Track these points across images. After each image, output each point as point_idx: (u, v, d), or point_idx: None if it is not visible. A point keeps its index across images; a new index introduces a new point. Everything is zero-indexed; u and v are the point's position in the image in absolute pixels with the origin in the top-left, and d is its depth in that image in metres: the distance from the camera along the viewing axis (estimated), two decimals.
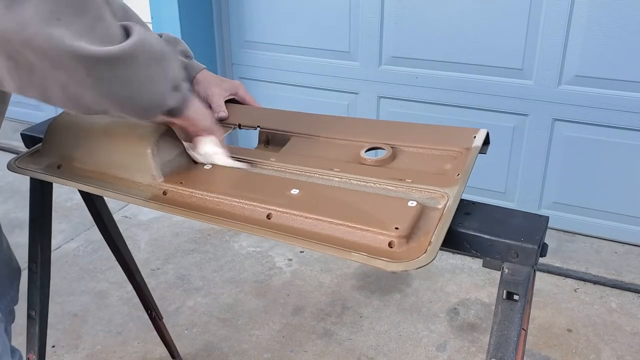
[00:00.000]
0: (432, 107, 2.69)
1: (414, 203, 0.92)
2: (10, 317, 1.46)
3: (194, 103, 1.02)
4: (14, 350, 1.26)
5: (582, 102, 2.42)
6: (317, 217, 0.92)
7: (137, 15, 1.35)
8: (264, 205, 0.96)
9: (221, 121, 1.30)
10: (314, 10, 2.77)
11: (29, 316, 1.41)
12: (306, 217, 0.93)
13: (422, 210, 0.91)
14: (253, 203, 0.97)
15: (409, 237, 0.86)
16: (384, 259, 0.84)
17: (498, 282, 0.88)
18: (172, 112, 0.98)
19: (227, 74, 3.09)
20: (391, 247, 0.86)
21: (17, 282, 1.41)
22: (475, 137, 1.08)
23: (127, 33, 0.87)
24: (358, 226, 0.89)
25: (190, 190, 1.03)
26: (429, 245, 0.84)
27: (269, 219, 0.95)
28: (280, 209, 0.95)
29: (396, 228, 0.86)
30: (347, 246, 0.88)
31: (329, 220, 0.91)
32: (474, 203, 0.94)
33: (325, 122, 1.25)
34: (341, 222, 0.90)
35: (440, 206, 0.92)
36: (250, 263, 2.57)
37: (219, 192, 1.01)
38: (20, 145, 1.47)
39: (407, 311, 2.25)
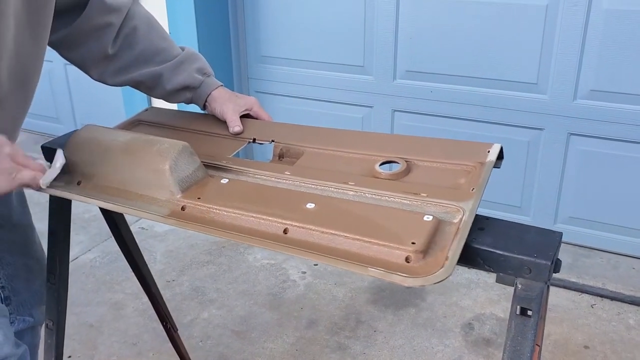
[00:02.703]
0: (447, 121, 2.69)
1: (430, 217, 0.92)
2: (42, 316, 1.48)
3: None
4: (19, 344, 1.28)
5: (597, 116, 2.41)
6: (333, 232, 0.92)
7: (161, 27, 1.37)
8: (280, 220, 0.97)
9: (236, 135, 1.32)
10: (329, 25, 2.80)
11: (46, 326, 1.43)
12: (323, 232, 0.93)
13: (438, 225, 0.91)
14: (270, 218, 0.98)
15: (425, 252, 0.86)
16: (401, 274, 0.84)
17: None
18: None
19: (244, 88, 3.12)
20: (408, 262, 0.86)
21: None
22: (489, 151, 1.08)
23: None
24: (375, 241, 0.89)
25: (208, 205, 1.04)
26: (445, 260, 0.84)
27: (286, 233, 0.96)
28: (297, 224, 0.95)
29: (413, 243, 0.87)
30: (364, 261, 0.88)
31: (346, 235, 0.91)
32: (487, 218, 0.94)
33: (339, 136, 1.26)
34: (358, 237, 0.90)
35: (455, 220, 0.92)
36: (264, 275, 2.58)
37: (236, 207, 1.02)
38: (40, 158, 1.49)
39: (421, 326, 2.24)
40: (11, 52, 1.05)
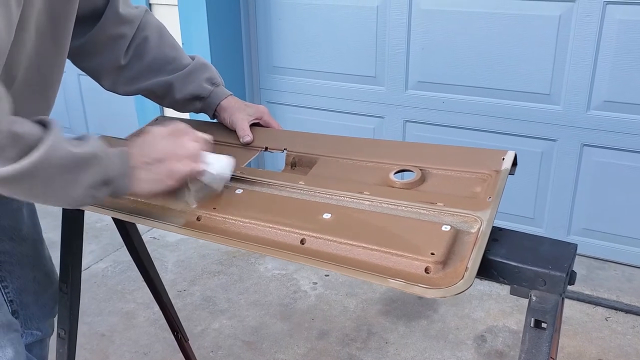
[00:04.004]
0: (459, 132, 2.68)
1: (448, 227, 0.91)
2: (50, 329, 1.49)
3: (139, 180, 0.98)
4: (30, 359, 1.28)
5: (611, 127, 2.39)
6: (351, 243, 0.92)
7: (171, 37, 1.38)
8: (297, 231, 0.97)
9: (247, 145, 1.32)
10: (340, 35, 2.80)
11: (58, 336, 1.43)
12: (340, 243, 0.93)
13: (456, 235, 0.91)
14: (286, 228, 0.98)
15: (444, 262, 0.86)
16: (421, 285, 0.83)
17: (526, 309, 0.87)
18: (115, 196, 0.99)
19: (255, 98, 3.14)
20: (427, 273, 0.85)
21: (56, 294, 1.44)
22: (503, 159, 1.08)
23: (41, 136, 0.85)
24: (393, 251, 0.89)
25: (224, 215, 1.04)
26: (465, 271, 0.84)
27: (303, 244, 0.96)
28: (314, 234, 0.95)
29: (432, 253, 0.86)
30: (382, 272, 0.87)
31: (364, 245, 0.91)
32: (501, 229, 0.94)
33: (352, 145, 1.25)
34: (376, 248, 0.90)
35: (473, 230, 0.92)
36: (275, 286, 2.57)
37: (251, 217, 1.02)
38: None
39: (433, 338, 2.22)
40: (31, 61, 1.06)
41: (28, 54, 1.04)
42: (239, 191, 1.11)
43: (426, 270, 0.85)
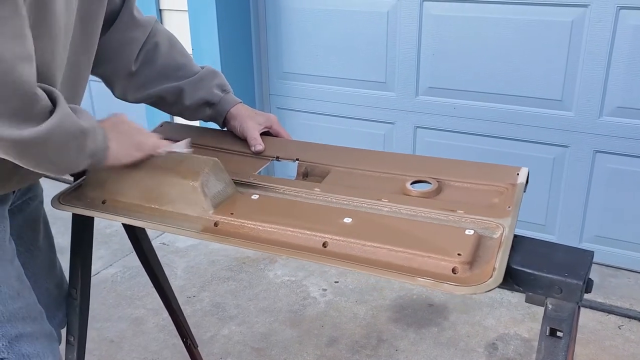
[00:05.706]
0: (470, 138, 2.67)
1: (472, 231, 0.93)
2: (59, 338, 1.48)
3: (111, 154, 1.07)
4: None
5: (624, 133, 2.37)
6: (375, 245, 0.93)
7: (181, 45, 1.38)
8: (318, 234, 0.97)
9: (258, 154, 1.32)
10: (350, 41, 2.80)
11: (67, 342, 1.43)
12: (364, 245, 0.93)
13: (480, 239, 0.92)
14: (307, 232, 0.98)
15: (471, 263, 0.87)
16: (450, 283, 0.85)
17: (538, 316, 0.86)
18: (92, 167, 1.08)
19: (265, 104, 3.13)
20: (455, 273, 0.86)
21: (65, 305, 1.43)
22: (518, 174, 1.10)
23: (52, 110, 0.92)
24: (419, 253, 0.89)
25: (242, 220, 1.04)
26: (493, 270, 0.85)
27: (325, 247, 0.96)
28: (337, 237, 0.95)
29: (459, 254, 0.87)
30: (408, 272, 0.88)
31: (388, 247, 0.92)
32: (516, 236, 0.93)
33: (364, 156, 1.25)
34: (401, 250, 0.91)
35: (496, 236, 0.93)
36: (284, 292, 2.56)
37: (270, 221, 1.02)
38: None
39: (444, 345, 2.20)
40: (63, 59, 1.07)
41: (60, 52, 1.05)
42: (255, 197, 1.11)
43: (453, 270, 0.87)
